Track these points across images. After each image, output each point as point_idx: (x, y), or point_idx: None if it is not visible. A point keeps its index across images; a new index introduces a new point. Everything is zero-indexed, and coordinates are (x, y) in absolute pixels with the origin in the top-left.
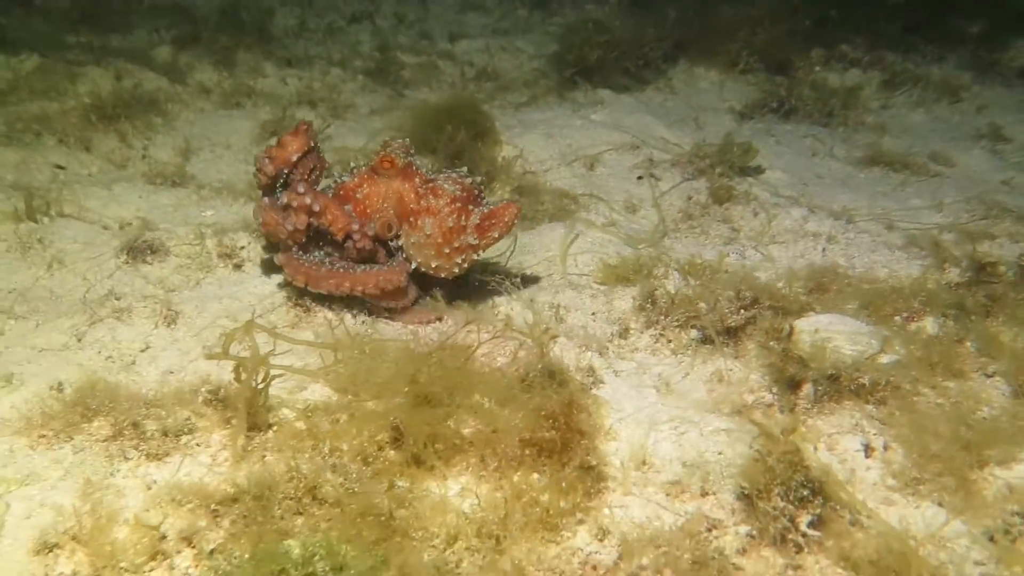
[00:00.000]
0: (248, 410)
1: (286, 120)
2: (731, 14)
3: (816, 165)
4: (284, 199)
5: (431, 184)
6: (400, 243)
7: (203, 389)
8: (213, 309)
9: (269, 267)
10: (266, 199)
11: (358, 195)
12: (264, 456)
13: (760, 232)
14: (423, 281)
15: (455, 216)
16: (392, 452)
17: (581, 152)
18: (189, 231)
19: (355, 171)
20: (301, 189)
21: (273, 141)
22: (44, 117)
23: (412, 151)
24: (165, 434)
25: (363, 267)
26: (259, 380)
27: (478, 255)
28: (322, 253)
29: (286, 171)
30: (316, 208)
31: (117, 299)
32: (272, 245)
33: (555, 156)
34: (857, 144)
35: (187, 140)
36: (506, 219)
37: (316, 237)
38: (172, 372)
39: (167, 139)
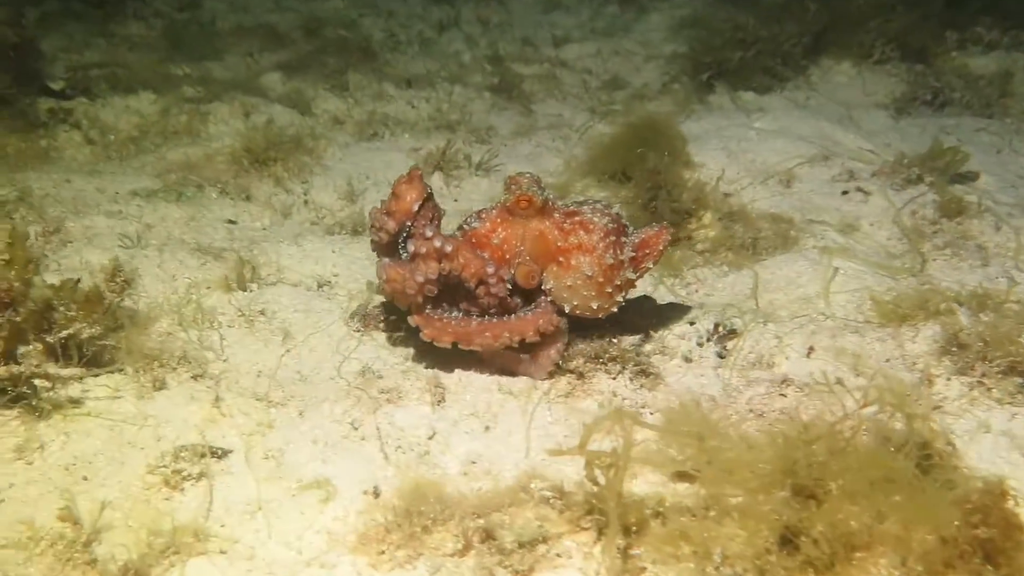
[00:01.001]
0: (617, 514)
1: (446, 153)
2: (860, 1)
3: (1009, 162)
4: (412, 247)
5: (578, 219)
6: (548, 286)
7: (533, 485)
8: (478, 383)
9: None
10: (386, 260)
11: (494, 240)
12: (643, 568)
13: (1017, 248)
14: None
15: (612, 251)
16: (780, 556)
17: (768, 167)
18: None
19: (483, 215)
20: (429, 233)
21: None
22: (191, 164)
23: (541, 183)
24: (521, 544)
25: (509, 316)
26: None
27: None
28: (453, 311)
29: (408, 224)
30: (448, 250)
31: (380, 377)
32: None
33: (743, 173)
34: None
35: (347, 180)
36: (660, 247)
37: (445, 292)
38: (474, 462)
39: (323, 180)
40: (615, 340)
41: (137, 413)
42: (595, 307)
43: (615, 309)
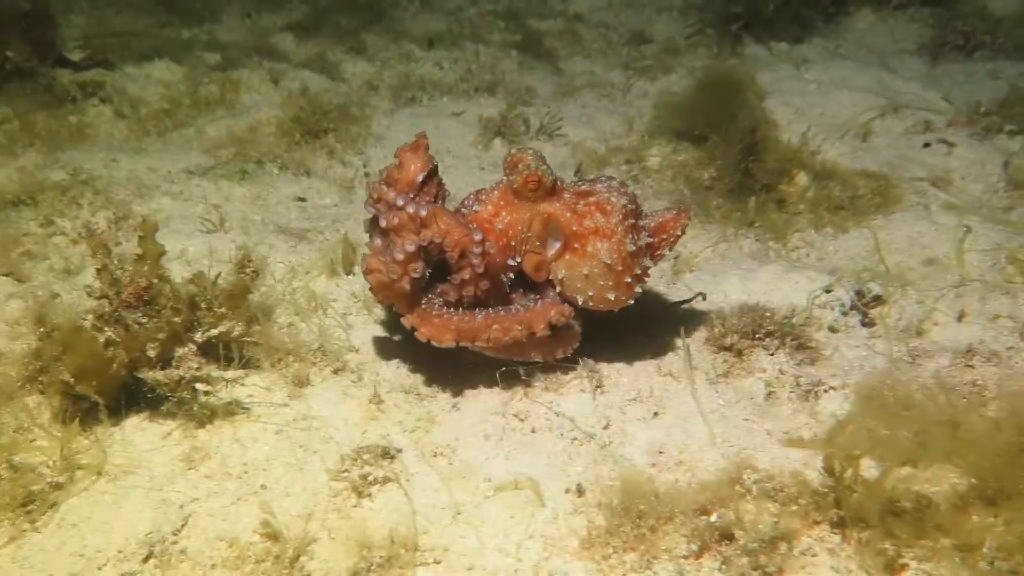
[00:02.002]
0: (876, 511)
1: (508, 120)
2: None
3: None
4: (383, 222)
5: (593, 200)
6: (560, 276)
7: (746, 477)
8: (633, 365)
9: None
10: (377, 241)
11: (498, 226)
12: (905, 566)
13: None
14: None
15: (631, 236)
16: None
17: (840, 121)
18: None
19: (484, 197)
20: (400, 201)
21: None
22: (237, 138)
23: (545, 159)
24: (763, 543)
25: (517, 307)
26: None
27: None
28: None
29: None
30: (422, 214)
31: (528, 363)
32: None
33: (815, 129)
34: None
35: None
36: (677, 232)
37: (433, 277)
38: (660, 452)
39: (379, 151)
40: (768, 313)
41: (296, 414)
42: (612, 299)
43: (631, 301)
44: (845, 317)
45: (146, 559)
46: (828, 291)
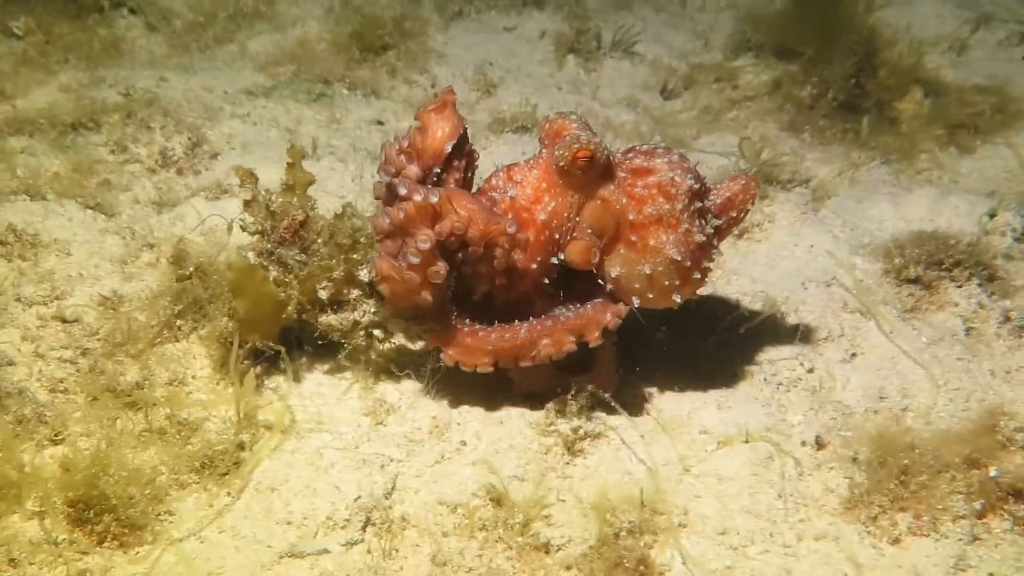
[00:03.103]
0: None
1: (580, 35)
2: None
3: None
4: (385, 221)
5: (654, 179)
6: (615, 274)
7: (1003, 425)
8: (810, 302)
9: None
10: (388, 242)
11: (540, 216)
12: None
13: None
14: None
15: (699, 224)
16: None
17: (929, 32)
18: None
19: (517, 176)
20: (404, 190)
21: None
22: (293, 55)
23: (589, 125)
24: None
25: (564, 312)
26: None
27: None
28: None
29: (438, 171)
30: (433, 200)
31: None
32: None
33: (903, 41)
34: None
35: (472, 68)
36: (748, 206)
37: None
38: (882, 398)
39: (444, 69)
40: (951, 241)
41: None
42: (678, 299)
43: (691, 299)
44: (1020, 244)
45: (364, 526)
46: (992, 216)
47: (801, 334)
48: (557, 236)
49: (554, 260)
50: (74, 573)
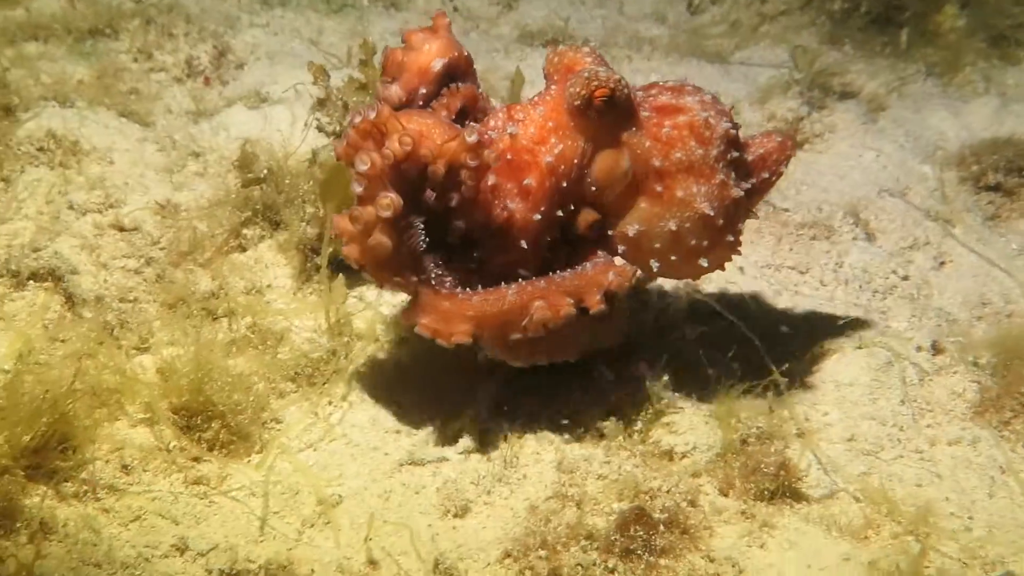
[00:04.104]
0: None
1: None
2: None
3: None
4: (337, 149)
5: (684, 119)
6: (633, 231)
7: None
8: (892, 210)
9: None
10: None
11: (545, 158)
12: None
13: None
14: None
15: (734, 174)
16: None
17: None
18: None
19: (519, 115)
20: (357, 118)
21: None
22: None
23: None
24: None
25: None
26: None
27: None
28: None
29: (422, 102)
30: (371, 116)
31: (785, 211)
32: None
33: None
34: None
35: None
36: (782, 168)
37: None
38: (984, 304)
39: None
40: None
41: None
42: (705, 266)
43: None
44: None
45: (479, 436)
46: None
47: (887, 242)
48: (565, 184)
49: (560, 212)
50: (191, 480)
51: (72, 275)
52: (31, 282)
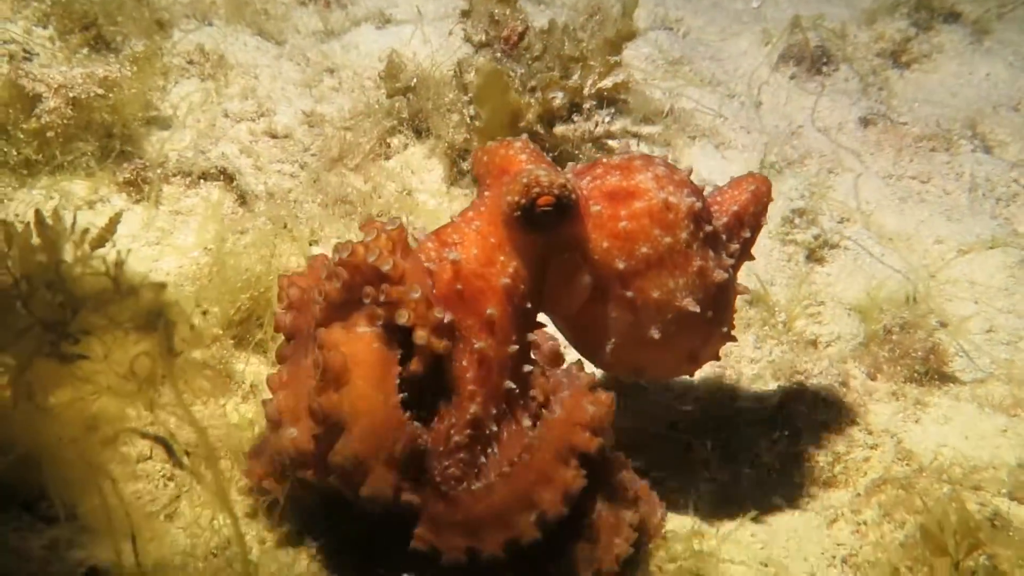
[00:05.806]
0: None
1: None
2: None
3: None
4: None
5: (641, 206)
6: (606, 347)
7: None
8: None
9: None
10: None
11: (502, 280)
12: None
13: None
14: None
15: (711, 251)
16: None
17: None
18: None
19: (454, 237)
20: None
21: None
22: None
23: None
24: None
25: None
26: None
27: None
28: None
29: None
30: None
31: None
32: None
33: None
34: None
35: None
36: (762, 220)
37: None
38: None
39: None
40: None
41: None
42: (700, 362)
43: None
44: None
45: None
46: None
47: (1006, 154)
48: (529, 305)
49: (531, 337)
50: None
51: (239, 175)
52: (202, 181)
